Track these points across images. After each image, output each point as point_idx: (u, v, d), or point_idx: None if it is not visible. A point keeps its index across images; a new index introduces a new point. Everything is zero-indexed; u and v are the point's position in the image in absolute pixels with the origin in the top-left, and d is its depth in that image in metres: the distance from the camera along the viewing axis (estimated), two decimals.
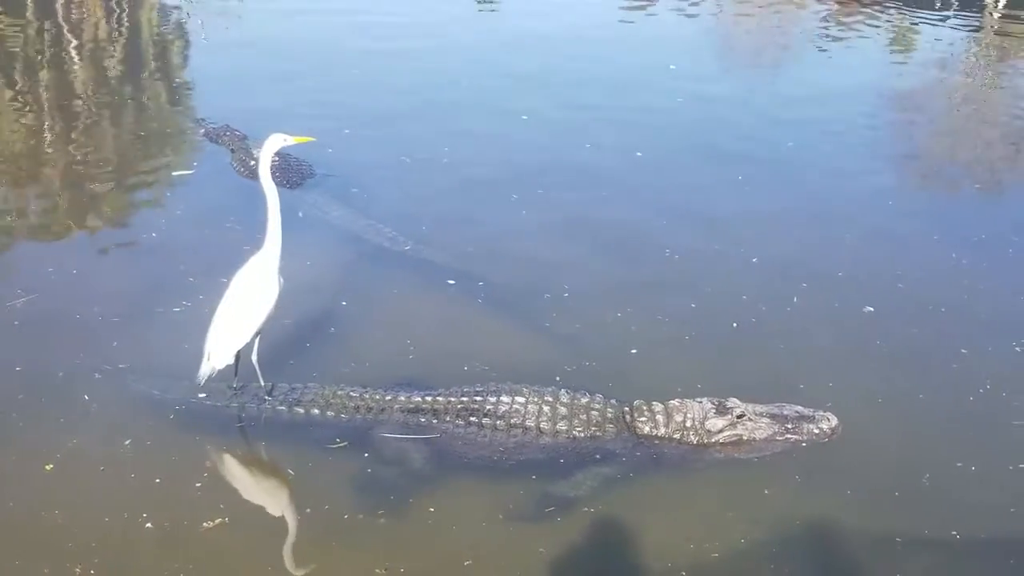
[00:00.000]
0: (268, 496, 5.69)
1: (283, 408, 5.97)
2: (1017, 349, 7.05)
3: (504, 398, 5.93)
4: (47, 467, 5.58)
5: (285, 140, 5.69)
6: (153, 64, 14.09)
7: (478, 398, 5.95)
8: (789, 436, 6.08)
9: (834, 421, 6.12)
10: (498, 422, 5.86)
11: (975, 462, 5.93)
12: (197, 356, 5.95)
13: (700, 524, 5.45)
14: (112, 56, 14.28)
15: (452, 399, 5.97)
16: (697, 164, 10.55)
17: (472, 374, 6.53)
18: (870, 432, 6.23)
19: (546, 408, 5.90)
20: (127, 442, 5.80)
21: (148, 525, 5.22)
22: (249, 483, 5.78)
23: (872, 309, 7.57)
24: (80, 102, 12.01)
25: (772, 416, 6.13)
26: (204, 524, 5.24)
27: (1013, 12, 18.64)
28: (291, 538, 5.21)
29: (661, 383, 6.48)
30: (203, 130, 10.96)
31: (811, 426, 6.09)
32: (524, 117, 11.82)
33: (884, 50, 16.18)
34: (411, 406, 5.96)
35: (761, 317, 7.50)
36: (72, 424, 5.93)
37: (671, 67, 14.32)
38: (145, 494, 5.42)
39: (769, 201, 9.59)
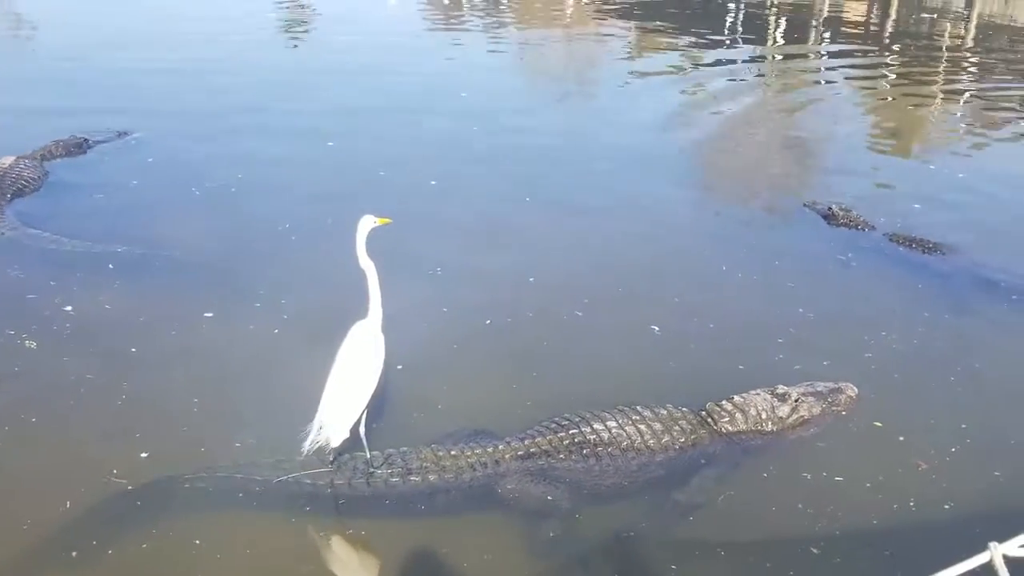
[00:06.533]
0: None
1: (397, 479, 5.66)
2: (798, 367, 7.16)
3: (597, 425, 6.02)
4: None
5: (374, 222, 5.70)
6: None
7: (574, 431, 5.98)
8: (834, 408, 6.62)
9: (856, 389, 6.72)
10: (610, 449, 5.94)
11: (771, 472, 6.13)
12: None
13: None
14: None
15: (552, 437, 5.94)
16: (488, 189, 10.70)
17: (272, 399, 6.38)
18: None
19: (643, 427, 6.06)
20: None
21: None
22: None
23: (657, 328, 7.71)
24: None
25: (813, 394, 6.60)
26: None
27: (788, 45, 20.05)
28: None
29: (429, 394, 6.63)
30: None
31: (842, 396, 6.66)
32: (330, 143, 11.92)
33: (678, 79, 16.88)
34: (523, 452, 5.87)
35: (539, 328, 7.63)
36: None
37: (462, 95, 14.61)
38: None
39: (553, 224, 9.75)
